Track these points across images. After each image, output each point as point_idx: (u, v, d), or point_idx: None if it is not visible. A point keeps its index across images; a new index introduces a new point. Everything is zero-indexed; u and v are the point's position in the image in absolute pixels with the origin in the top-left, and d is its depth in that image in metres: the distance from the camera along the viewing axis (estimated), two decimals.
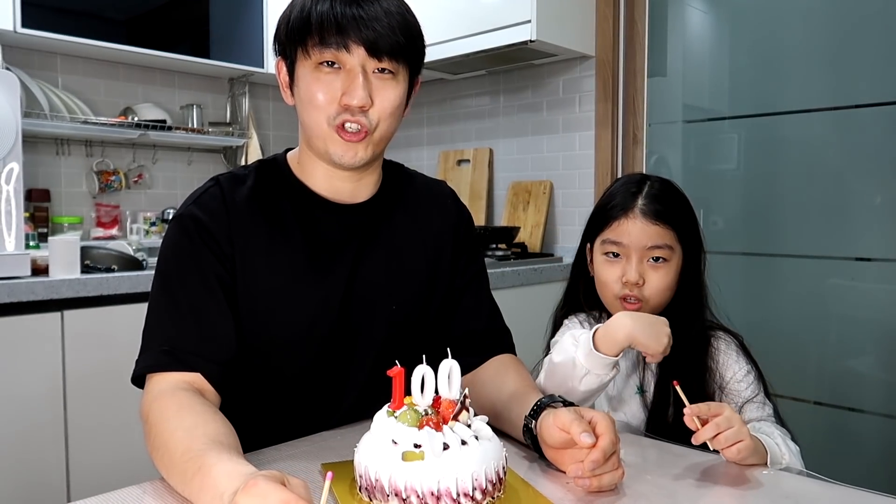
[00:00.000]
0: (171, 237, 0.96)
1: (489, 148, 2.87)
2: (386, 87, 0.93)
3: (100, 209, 2.53)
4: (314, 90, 0.92)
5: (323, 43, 0.90)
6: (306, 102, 0.94)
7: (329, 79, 0.91)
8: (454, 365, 0.75)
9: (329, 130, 0.93)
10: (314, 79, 0.92)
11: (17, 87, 1.77)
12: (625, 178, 1.21)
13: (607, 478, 0.77)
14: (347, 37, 0.89)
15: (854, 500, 0.80)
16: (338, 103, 0.91)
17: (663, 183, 1.17)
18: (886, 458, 2.03)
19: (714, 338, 1.15)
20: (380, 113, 0.93)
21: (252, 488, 0.59)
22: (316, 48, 0.91)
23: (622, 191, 1.16)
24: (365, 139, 0.93)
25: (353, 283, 1.00)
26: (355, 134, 0.92)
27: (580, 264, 1.24)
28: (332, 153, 0.94)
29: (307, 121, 0.95)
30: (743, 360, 1.14)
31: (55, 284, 1.68)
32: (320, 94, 0.92)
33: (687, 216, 1.16)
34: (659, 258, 1.12)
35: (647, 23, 2.45)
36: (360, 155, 0.94)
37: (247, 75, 2.77)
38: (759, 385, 1.12)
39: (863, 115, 2.04)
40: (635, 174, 1.23)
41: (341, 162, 0.95)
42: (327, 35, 0.89)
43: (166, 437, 0.78)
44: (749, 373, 1.13)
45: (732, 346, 1.15)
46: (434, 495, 0.68)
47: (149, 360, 0.89)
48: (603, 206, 1.17)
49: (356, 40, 0.89)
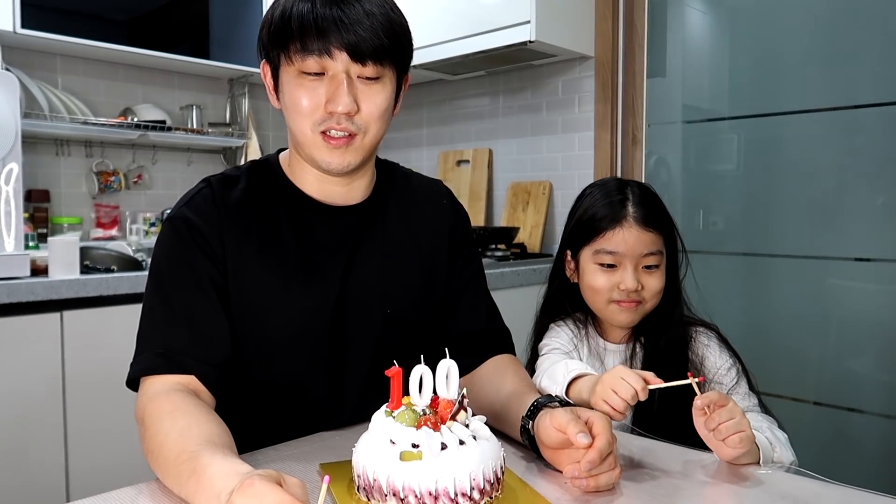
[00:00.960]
0: (164, 239, 0.95)
1: (489, 148, 2.87)
2: (372, 91, 0.91)
3: (99, 210, 2.53)
4: (298, 97, 0.90)
5: (305, 49, 0.88)
6: (291, 109, 0.93)
7: (313, 85, 0.90)
8: (452, 365, 0.75)
9: (314, 137, 0.92)
10: (297, 85, 0.90)
11: (17, 87, 1.77)
12: (600, 186, 1.21)
13: (604, 477, 0.77)
14: (329, 42, 0.87)
15: (853, 500, 0.80)
16: (323, 109, 0.90)
17: (643, 187, 1.19)
18: (886, 458, 2.03)
19: (695, 333, 1.17)
20: (367, 118, 0.92)
21: (248, 488, 0.59)
22: (298, 54, 0.89)
23: (605, 200, 1.16)
24: (352, 144, 0.92)
25: (346, 285, 0.99)
26: (341, 139, 0.91)
27: (559, 273, 1.25)
28: (319, 160, 0.93)
29: (293, 127, 0.94)
30: (726, 353, 1.16)
31: (55, 285, 1.68)
32: (304, 101, 0.90)
33: (668, 219, 1.19)
34: (652, 265, 1.14)
35: (646, 23, 2.45)
36: (347, 160, 0.93)
37: (246, 76, 2.78)
38: (743, 377, 1.14)
39: (862, 116, 2.04)
40: (609, 180, 1.23)
41: (329, 168, 0.94)
42: (308, 40, 0.87)
43: (161, 440, 0.78)
44: (733, 366, 1.15)
45: (714, 339, 1.18)
46: (432, 495, 0.68)
47: (143, 363, 0.89)
48: (589, 218, 1.17)
49: (338, 45, 0.87)
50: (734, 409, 0.88)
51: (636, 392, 0.89)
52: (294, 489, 0.62)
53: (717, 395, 0.89)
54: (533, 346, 1.26)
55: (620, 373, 0.92)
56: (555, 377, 1.05)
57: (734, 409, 0.88)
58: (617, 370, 0.93)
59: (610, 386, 0.92)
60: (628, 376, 0.91)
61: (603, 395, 0.92)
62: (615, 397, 0.90)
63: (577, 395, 1.00)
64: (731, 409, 0.88)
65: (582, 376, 1.02)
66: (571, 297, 1.24)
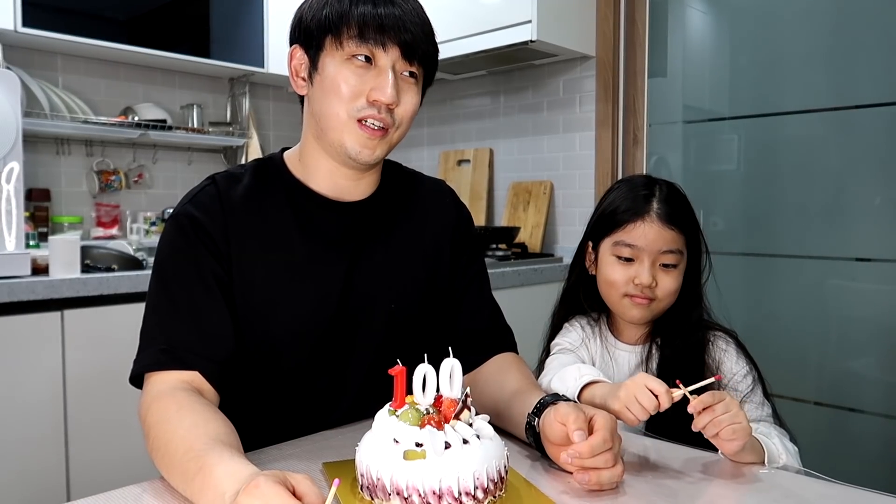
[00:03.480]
0: (168, 236, 0.95)
1: (489, 148, 2.87)
2: (410, 89, 0.95)
3: (100, 209, 2.53)
4: (341, 80, 0.92)
5: (361, 37, 0.90)
6: (329, 91, 0.93)
7: (360, 72, 0.92)
8: (455, 364, 0.75)
9: (348, 121, 0.93)
10: (344, 69, 0.92)
11: (18, 86, 1.77)
12: (628, 182, 1.20)
13: (606, 475, 0.77)
14: (387, 35, 0.90)
15: (854, 499, 0.80)
16: (364, 97, 0.92)
17: (671, 186, 1.18)
18: (886, 457, 2.03)
19: (713, 337, 1.16)
20: (402, 114, 0.95)
21: (254, 489, 0.59)
22: (352, 41, 0.91)
23: (631, 194, 1.15)
24: (385, 137, 0.94)
25: (350, 281, 1.00)
26: (377, 130, 0.93)
27: (579, 265, 1.25)
28: (350, 147, 0.94)
29: (326, 111, 0.94)
30: (743, 360, 1.14)
31: (55, 284, 1.68)
32: (347, 86, 0.91)
33: (693, 220, 1.18)
34: (669, 263, 1.12)
35: (647, 23, 2.45)
36: (377, 152, 0.95)
37: (247, 75, 2.77)
38: (759, 385, 1.13)
39: (863, 116, 2.04)
40: (638, 176, 1.22)
41: (358, 157, 0.94)
42: (367, 31, 0.90)
43: (167, 438, 0.78)
44: (749, 373, 1.13)
45: (732, 344, 1.16)
46: (436, 494, 0.68)
47: (147, 359, 0.89)
48: (613, 209, 1.17)
49: (393, 40, 0.91)
50: (730, 404, 0.88)
51: (658, 403, 0.89)
52: (301, 485, 0.62)
53: (710, 396, 0.88)
54: (547, 342, 1.26)
55: (644, 380, 0.91)
56: (565, 380, 1.04)
57: (730, 403, 0.88)
58: (640, 378, 0.92)
59: (633, 393, 0.90)
60: (652, 384, 0.90)
61: (626, 402, 0.91)
62: (637, 405, 0.90)
63: (589, 400, 0.99)
64: (727, 404, 0.87)
65: (594, 382, 1.00)
66: (588, 291, 1.23)
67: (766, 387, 1.13)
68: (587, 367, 1.05)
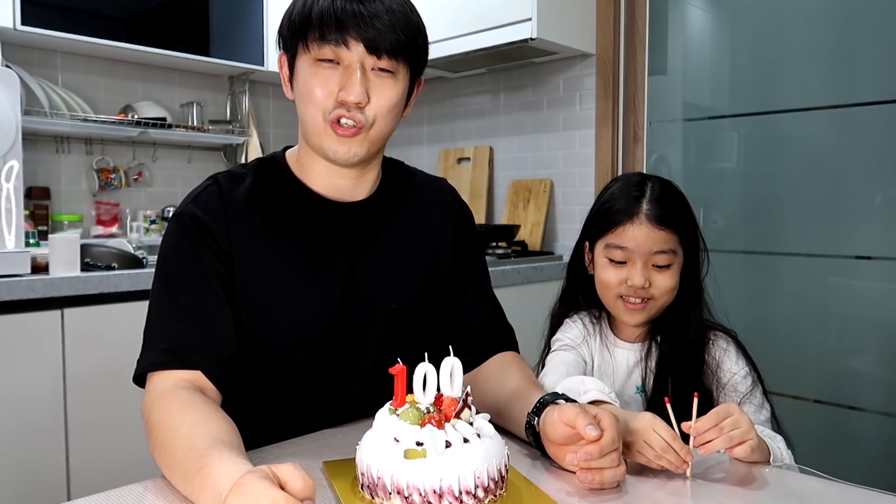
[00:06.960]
0: (170, 236, 0.96)
1: (489, 146, 2.87)
2: (384, 85, 0.93)
3: (100, 207, 2.53)
4: (311, 85, 0.92)
5: (323, 38, 0.90)
6: (304, 96, 0.94)
7: (327, 73, 0.91)
8: (456, 362, 0.75)
9: (324, 125, 0.93)
10: (312, 73, 0.92)
11: (17, 84, 1.76)
12: (623, 179, 1.19)
13: (608, 474, 0.77)
14: (347, 33, 0.89)
15: (855, 497, 0.80)
16: (334, 99, 0.91)
17: (664, 184, 1.16)
18: (886, 456, 2.03)
19: (713, 336, 1.16)
20: (376, 110, 0.93)
21: (239, 488, 0.59)
22: (315, 43, 0.91)
23: (623, 194, 1.14)
24: (359, 135, 0.93)
25: (352, 281, 1.00)
26: (349, 129, 0.92)
27: (577, 263, 1.24)
28: (327, 149, 0.94)
29: (304, 115, 0.95)
30: (742, 360, 1.14)
31: (55, 282, 1.68)
32: (317, 89, 0.92)
33: (688, 218, 1.16)
34: (662, 264, 1.11)
35: (647, 21, 2.45)
36: (353, 150, 0.94)
37: (247, 73, 2.77)
38: (758, 386, 1.12)
39: (863, 114, 2.04)
40: (634, 174, 1.21)
41: (336, 158, 0.95)
42: (327, 31, 0.89)
43: (169, 436, 0.78)
44: (748, 374, 1.12)
45: (732, 345, 1.15)
46: (436, 493, 0.68)
47: (150, 358, 0.89)
48: (606, 210, 1.16)
49: (355, 37, 0.89)
50: (740, 419, 0.86)
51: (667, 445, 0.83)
52: (284, 473, 0.60)
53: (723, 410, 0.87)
54: (547, 338, 1.25)
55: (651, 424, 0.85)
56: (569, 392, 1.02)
57: (740, 418, 0.86)
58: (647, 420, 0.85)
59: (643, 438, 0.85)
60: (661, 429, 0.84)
61: (637, 447, 0.85)
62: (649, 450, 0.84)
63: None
64: (737, 420, 0.86)
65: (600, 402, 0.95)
66: (587, 289, 1.22)
67: (764, 387, 1.13)
68: (591, 380, 0.98)
